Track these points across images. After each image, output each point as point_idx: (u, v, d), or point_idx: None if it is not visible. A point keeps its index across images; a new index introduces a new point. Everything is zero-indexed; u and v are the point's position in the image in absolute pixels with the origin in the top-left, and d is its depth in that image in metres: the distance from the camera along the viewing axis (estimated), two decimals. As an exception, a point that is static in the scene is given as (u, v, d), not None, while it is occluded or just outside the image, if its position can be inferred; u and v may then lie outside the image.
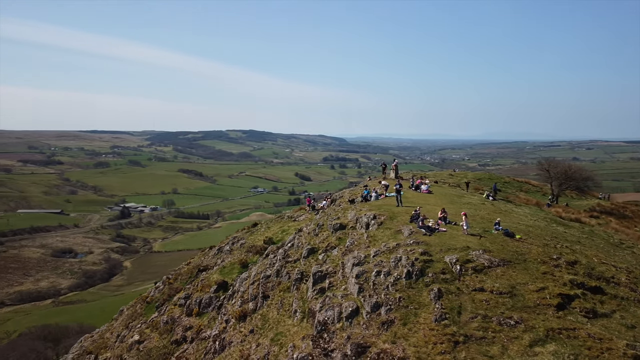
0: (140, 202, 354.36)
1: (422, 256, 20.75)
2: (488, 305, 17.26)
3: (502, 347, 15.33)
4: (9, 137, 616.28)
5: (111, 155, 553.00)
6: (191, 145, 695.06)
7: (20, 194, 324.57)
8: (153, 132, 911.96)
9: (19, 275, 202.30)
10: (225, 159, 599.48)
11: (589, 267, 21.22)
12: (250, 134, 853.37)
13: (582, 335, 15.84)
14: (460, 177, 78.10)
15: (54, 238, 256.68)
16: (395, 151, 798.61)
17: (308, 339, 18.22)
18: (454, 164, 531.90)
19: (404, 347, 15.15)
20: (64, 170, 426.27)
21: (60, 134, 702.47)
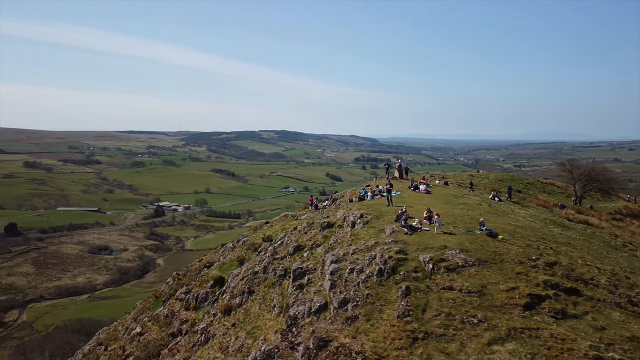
0: (174, 201, 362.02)
1: (397, 254, 21.11)
2: (454, 303, 17.52)
3: (460, 344, 15.58)
4: (51, 137, 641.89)
5: (147, 155, 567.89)
6: (224, 146, 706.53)
7: (60, 193, 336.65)
8: (188, 133, 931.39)
9: (58, 270, 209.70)
10: (257, 159, 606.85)
11: (569, 268, 21.09)
12: (283, 135, 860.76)
13: (544, 336, 15.92)
14: (482, 178, 77.25)
15: (91, 235, 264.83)
16: (428, 152, 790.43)
17: (279, 332, 18.94)
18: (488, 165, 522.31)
19: (363, 342, 15.61)
20: (101, 169, 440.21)
21: (99, 134, 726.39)
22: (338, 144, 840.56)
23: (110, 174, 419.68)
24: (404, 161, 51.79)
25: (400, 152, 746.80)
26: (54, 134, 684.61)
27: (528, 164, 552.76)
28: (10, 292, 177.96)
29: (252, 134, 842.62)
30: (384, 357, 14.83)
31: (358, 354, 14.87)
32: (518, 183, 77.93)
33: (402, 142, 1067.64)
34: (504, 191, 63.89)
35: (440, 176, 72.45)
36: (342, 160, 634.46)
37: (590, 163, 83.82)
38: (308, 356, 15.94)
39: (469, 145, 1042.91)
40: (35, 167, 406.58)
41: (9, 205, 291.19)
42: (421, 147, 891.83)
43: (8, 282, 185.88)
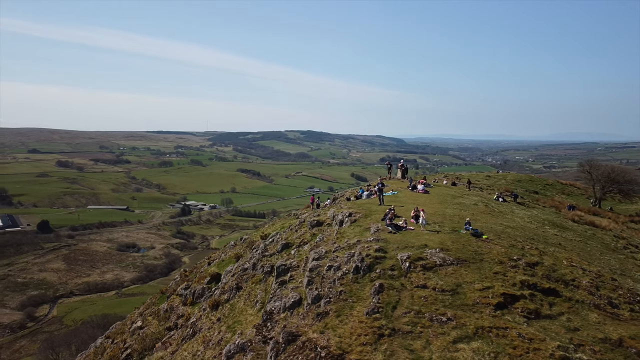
0: (200, 200, 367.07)
1: (376, 252, 21.35)
2: (425, 301, 17.70)
3: (426, 341, 15.76)
4: (83, 137, 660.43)
5: (175, 154, 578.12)
6: (250, 146, 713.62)
7: (91, 191, 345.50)
8: (215, 133, 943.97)
9: (87, 267, 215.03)
10: (282, 159, 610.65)
11: (551, 269, 20.97)
12: (308, 135, 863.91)
13: (511, 335, 15.98)
14: (498, 179, 76.43)
15: (120, 233, 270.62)
16: (456, 152, 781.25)
17: (255, 327, 19.48)
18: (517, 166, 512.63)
19: (329, 337, 15.96)
20: (131, 168, 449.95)
21: (129, 135, 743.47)
22: (364, 144, 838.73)
23: (139, 174, 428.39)
24: (406, 161, 51.89)
25: (427, 152, 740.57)
26: (86, 134, 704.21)
27: (558, 165, 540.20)
28: (42, 287, 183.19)
29: (278, 134, 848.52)
30: (347, 352, 15.20)
31: (323, 348, 15.27)
32: (536, 184, 76.80)
33: (429, 143, 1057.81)
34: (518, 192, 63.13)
35: (455, 176, 71.99)
36: (367, 161, 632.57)
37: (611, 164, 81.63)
38: (277, 350, 16.47)
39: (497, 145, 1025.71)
40: (67, 167, 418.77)
41: (42, 203, 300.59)
42: (448, 148, 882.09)
43: (40, 278, 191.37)
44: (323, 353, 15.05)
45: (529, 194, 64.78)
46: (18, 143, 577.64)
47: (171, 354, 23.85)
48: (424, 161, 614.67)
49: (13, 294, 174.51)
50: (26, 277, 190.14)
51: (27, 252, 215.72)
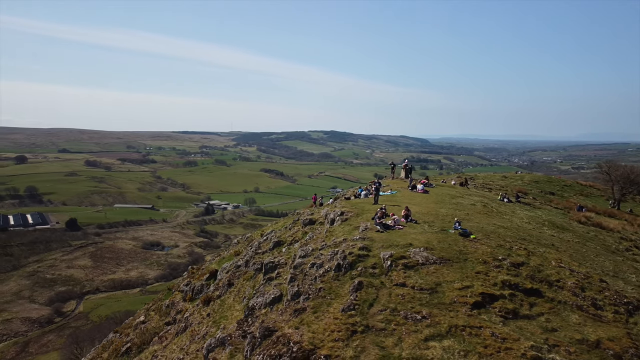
0: (224, 199, 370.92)
1: (360, 251, 21.60)
2: (402, 299, 17.87)
3: (398, 339, 15.93)
4: (110, 137, 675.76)
5: (199, 154, 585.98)
6: (274, 146, 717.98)
7: (117, 190, 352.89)
8: (239, 133, 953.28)
9: (113, 264, 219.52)
10: (306, 159, 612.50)
11: (537, 269, 20.86)
12: (332, 135, 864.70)
13: (484, 334, 16.03)
14: (515, 180, 75.59)
15: (145, 231, 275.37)
16: (481, 152, 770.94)
17: (237, 322, 20.00)
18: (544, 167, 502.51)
19: (303, 333, 16.29)
20: (156, 168, 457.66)
21: (155, 135, 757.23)
22: (387, 145, 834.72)
23: (164, 173, 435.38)
24: (410, 161, 51.93)
25: (452, 152, 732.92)
26: (114, 134, 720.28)
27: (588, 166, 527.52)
28: (69, 283, 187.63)
29: (302, 135, 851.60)
30: (319, 347, 15.54)
31: (295, 343, 15.66)
32: (554, 185, 75.69)
33: (454, 143, 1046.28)
34: (532, 193, 62.40)
35: (469, 176, 71.49)
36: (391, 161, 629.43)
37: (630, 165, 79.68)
38: (253, 344, 16.95)
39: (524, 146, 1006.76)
40: (95, 166, 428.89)
41: (70, 201, 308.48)
42: (473, 148, 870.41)
43: (68, 274, 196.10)
44: (295, 348, 15.46)
45: (543, 194, 63.91)
46: (49, 143, 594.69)
47: (164, 348, 24.65)
48: (449, 162, 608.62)
49: (42, 289, 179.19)
50: (54, 273, 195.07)
51: (55, 249, 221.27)
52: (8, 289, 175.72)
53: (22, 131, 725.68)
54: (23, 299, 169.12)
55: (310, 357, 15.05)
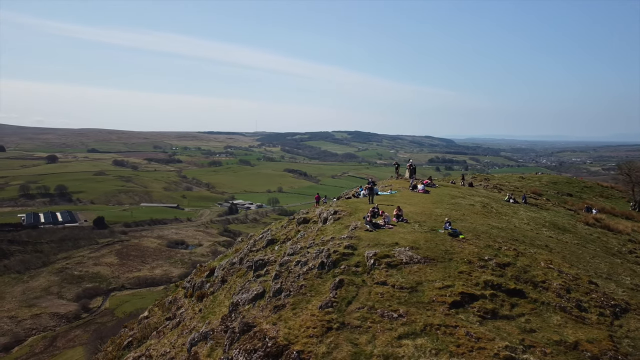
0: (248, 199, 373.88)
1: (345, 249, 21.80)
2: (381, 298, 18.02)
3: (372, 336, 16.10)
4: (138, 137, 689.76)
5: (224, 154, 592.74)
6: (298, 146, 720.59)
7: (144, 189, 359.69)
8: (264, 133, 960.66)
9: (138, 262, 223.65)
10: (329, 160, 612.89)
11: (523, 270, 20.73)
12: (356, 135, 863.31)
13: (459, 333, 16.09)
14: (533, 180, 74.54)
15: (170, 230, 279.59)
16: (508, 153, 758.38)
17: (221, 317, 20.52)
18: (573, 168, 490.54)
19: (279, 329, 16.61)
20: (182, 168, 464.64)
21: (181, 135, 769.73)
22: (412, 145, 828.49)
23: (189, 173, 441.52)
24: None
25: (478, 153, 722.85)
26: (141, 135, 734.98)
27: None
28: (96, 280, 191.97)
29: (325, 135, 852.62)
30: (293, 343, 15.87)
31: (271, 339, 16.04)
32: (573, 186, 74.33)
33: (480, 143, 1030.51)
34: (548, 194, 61.46)
35: (484, 177, 70.85)
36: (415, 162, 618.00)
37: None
38: (232, 339, 17.40)
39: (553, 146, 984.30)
40: (123, 165, 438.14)
41: (98, 200, 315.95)
42: (500, 149, 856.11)
43: (94, 272, 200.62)
44: (270, 343, 15.85)
45: (560, 196, 62.88)
46: (79, 143, 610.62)
47: (158, 342, 25.37)
48: (474, 162, 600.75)
49: (70, 285, 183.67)
50: (82, 270, 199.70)
51: (83, 247, 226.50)
52: (38, 284, 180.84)
53: (53, 131, 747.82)
54: (52, 295, 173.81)
55: (284, 352, 15.43)
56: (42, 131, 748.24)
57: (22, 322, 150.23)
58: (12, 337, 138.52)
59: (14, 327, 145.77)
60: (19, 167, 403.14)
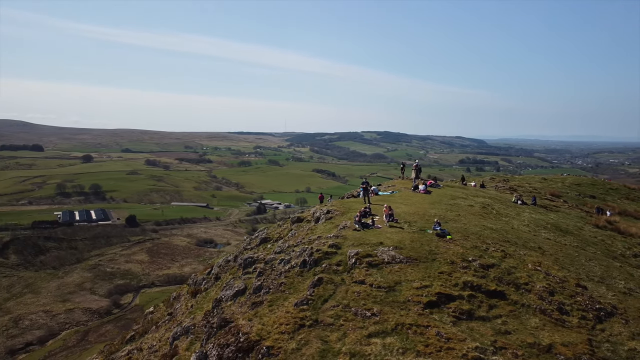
0: (276, 199, 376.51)
1: (329, 248, 22.02)
2: (357, 296, 18.18)
3: (343, 334, 16.28)
4: (170, 137, 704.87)
5: (253, 155, 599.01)
6: (327, 146, 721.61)
7: (175, 189, 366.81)
8: (293, 133, 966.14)
9: (168, 260, 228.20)
10: (358, 160, 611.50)
11: (507, 271, 20.51)
12: (385, 136, 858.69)
13: (429, 333, 16.12)
14: (555, 182, 72.99)
15: (199, 229, 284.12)
16: (542, 154, 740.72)
17: (205, 313, 21.11)
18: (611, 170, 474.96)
19: (254, 325, 16.99)
20: (212, 168, 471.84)
21: (212, 135, 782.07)
22: (442, 145, 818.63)
23: (219, 172, 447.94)
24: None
25: (510, 154, 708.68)
26: (173, 135, 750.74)
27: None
28: (127, 277, 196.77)
29: (355, 135, 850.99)
30: (264, 338, 16.25)
31: (244, 334, 16.48)
32: (597, 188, 72.46)
33: (513, 144, 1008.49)
34: (568, 196, 60.20)
35: (502, 178, 69.84)
36: (445, 162, 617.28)
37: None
38: (209, 334, 17.97)
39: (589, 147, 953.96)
40: (155, 165, 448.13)
41: (131, 199, 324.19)
42: (533, 149, 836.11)
43: (126, 269, 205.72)
44: (242, 338, 16.32)
45: (581, 198, 61.43)
46: (113, 143, 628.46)
47: (151, 335, 26.28)
48: (506, 163, 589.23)
49: (102, 282, 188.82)
50: (114, 267, 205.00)
51: (115, 244, 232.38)
52: (72, 280, 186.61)
53: (89, 132, 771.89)
54: (85, 291, 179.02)
55: (255, 347, 15.86)
56: (79, 131, 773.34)
57: (56, 317, 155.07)
58: (47, 330, 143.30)
59: (48, 321, 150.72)
60: (56, 166, 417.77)
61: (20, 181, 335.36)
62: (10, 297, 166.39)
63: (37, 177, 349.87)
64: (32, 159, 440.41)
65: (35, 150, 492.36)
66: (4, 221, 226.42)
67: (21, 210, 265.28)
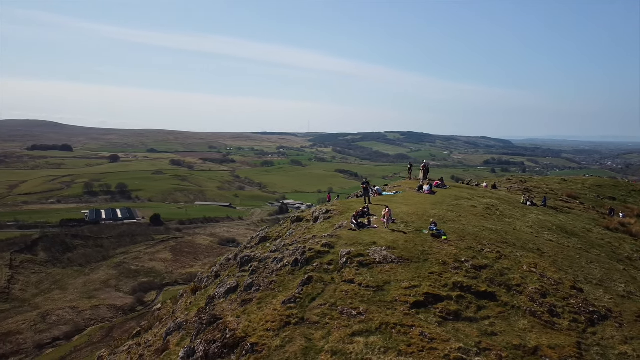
0: (298, 199, 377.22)
1: (322, 247, 22.15)
2: (345, 295, 18.28)
3: (327, 332, 16.43)
4: (194, 138, 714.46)
5: (276, 155, 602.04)
6: (349, 147, 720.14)
7: (198, 188, 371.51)
8: (316, 134, 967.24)
9: (190, 259, 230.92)
10: (381, 160, 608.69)
11: (499, 273, 20.32)
12: (409, 136, 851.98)
13: (413, 333, 16.14)
14: (576, 183, 71.72)
15: (221, 228, 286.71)
16: (570, 155, 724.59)
17: (198, 309, 21.53)
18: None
19: (241, 322, 17.26)
20: (235, 167, 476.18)
21: (236, 136, 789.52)
22: (467, 146, 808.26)
23: (242, 172, 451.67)
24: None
25: (537, 154, 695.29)
26: (197, 135, 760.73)
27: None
28: (151, 275, 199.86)
29: (377, 135, 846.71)
30: (250, 335, 16.53)
31: (231, 330, 16.81)
32: (619, 190, 70.93)
33: (539, 144, 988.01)
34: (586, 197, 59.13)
35: (519, 179, 68.93)
36: (469, 163, 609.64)
37: None
38: (199, 330, 18.36)
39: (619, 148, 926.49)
40: (179, 165, 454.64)
41: (155, 198, 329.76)
42: (561, 150, 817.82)
43: (150, 267, 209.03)
44: (228, 335, 16.66)
45: (600, 200, 60.22)
46: (139, 143, 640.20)
47: (151, 331, 26.93)
48: (533, 164, 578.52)
49: (127, 279, 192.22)
50: (138, 265, 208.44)
51: (140, 243, 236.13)
52: (97, 277, 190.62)
53: (116, 132, 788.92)
54: (110, 288, 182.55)
55: (240, 344, 16.17)
56: (106, 132, 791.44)
57: (82, 313, 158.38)
58: (73, 326, 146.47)
59: (75, 317, 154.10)
60: (84, 166, 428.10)
61: (49, 180, 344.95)
62: (38, 292, 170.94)
63: (65, 177, 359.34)
64: (61, 158, 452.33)
65: (65, 150, 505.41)
66: (33, 219, 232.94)
67: (50, 208, 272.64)
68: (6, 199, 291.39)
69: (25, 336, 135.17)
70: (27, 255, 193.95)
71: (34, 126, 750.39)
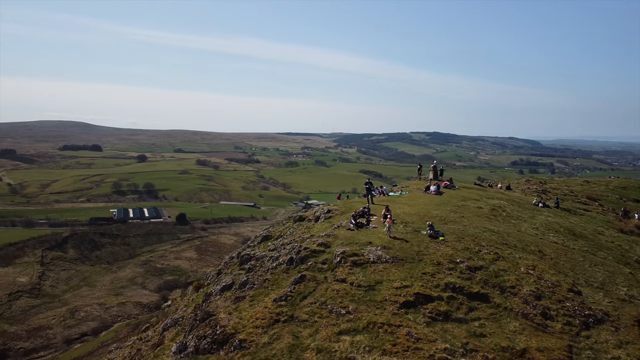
0: (322, 199, 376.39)
1: (318, 247, 22.28)
2: (336, 294, 18.39)
3: (315, 330, 16.63)
4: (220, 138, 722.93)
5: (301, 155, 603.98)
6: (374, 147, 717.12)
7: (223, 188, 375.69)
8: (340, 134, 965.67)
9: (215, 257, 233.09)
10: (406, 161, 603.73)
11: (494, 274, 20.11)
12: (434, 136, 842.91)
13: (400, 333, 16.17)
14: (599, 185, 70.04)
15: (245, 228, 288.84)
16: (601, 156, 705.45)
17: (196, 306, 21.98)
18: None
19: (232, 318, 17.60)
20: (260, 168, 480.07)
21: (261, 136, 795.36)
22: (494, 147, 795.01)
23: (267, 173, 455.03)
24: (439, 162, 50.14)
25: (566, 155, 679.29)
26: (223, 135, 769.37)
27: None
28: (176, 273, 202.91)
29: (403, 136, 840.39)
30: (239, 332, 16.86)
31: (221, 327, 17.17)
32: None
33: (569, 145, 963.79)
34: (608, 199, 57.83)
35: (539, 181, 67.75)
36: (496, 164, 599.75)
37: None
38: (192, 326, 18.80)
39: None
40: (205, 165, 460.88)
41: (182, 197, 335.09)
42: (592, 151, 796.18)
43: (175, 265, 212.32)
44: (219, 331, 17.06)
45: (623, 202, 58.63)
46: (166, 143, 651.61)
47: (155, 327, 27.61)
48: (562, 165, 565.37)
49: (153, 277, 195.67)
50: (164, 263, 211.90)
51: (166, 241, 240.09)
52: (124, 275, 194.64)
53: (144, 132, 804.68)
54: (136, 285, 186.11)
55: (229, 340, 16.55)
56: (135, 132, 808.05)
57: (109, 309, 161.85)
58: (101, 322, 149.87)
59: (102, 313, 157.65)
60: (113, 165, 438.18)
61: (80, 179, 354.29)
62: (68, 289, 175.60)
63: (95, 176, 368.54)
64: (91, 158, 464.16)
65: (95, 150, 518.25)
66: (64, 217, 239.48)
67: (80, 207, 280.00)
68: (39, 198, 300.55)
69: (55, 331, 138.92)
70: (57, 252, 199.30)
71: (67, 127, 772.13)
